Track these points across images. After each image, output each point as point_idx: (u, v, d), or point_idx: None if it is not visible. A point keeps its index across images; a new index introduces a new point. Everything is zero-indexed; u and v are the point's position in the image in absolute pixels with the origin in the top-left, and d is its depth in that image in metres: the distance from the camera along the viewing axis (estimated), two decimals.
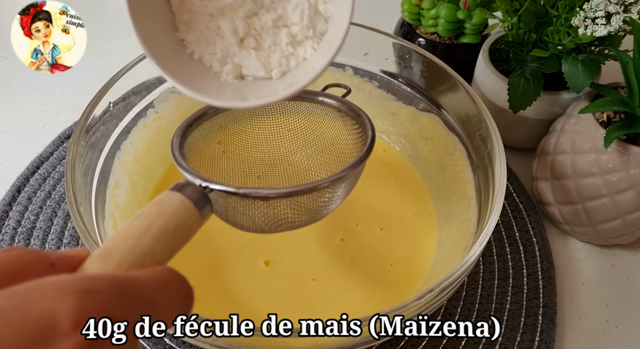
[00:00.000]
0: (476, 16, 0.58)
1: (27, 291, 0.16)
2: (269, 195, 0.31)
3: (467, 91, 0.46)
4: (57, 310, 0.16)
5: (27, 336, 0.15)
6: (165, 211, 0.24)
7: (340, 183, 0.34)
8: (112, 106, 0.45)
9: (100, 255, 0.22)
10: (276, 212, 0.32)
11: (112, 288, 0.18)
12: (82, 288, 0.17)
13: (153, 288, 0.20)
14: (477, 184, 0.46)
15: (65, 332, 0.16)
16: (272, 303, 0.43)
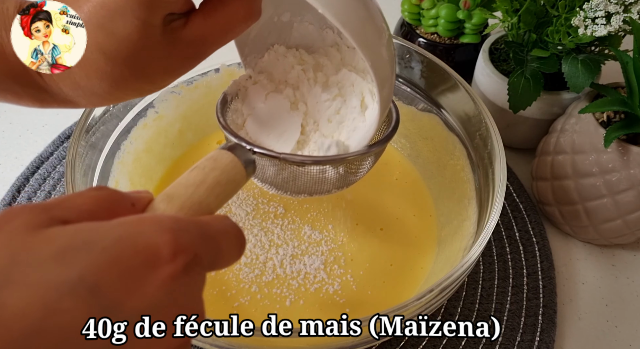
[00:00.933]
0: (476, 16, 0.58)
1: (134, 224, 0.20)
2: (304, 161, 0.35)
3: (467, 90, 0.46)
4: (159, 242, 0.20)
5: (139, 259, 0.19)
6: (218, 166, 0.28)
7: (366, 158, 0.38)
8: (112, 106, 0.45)
9: (164, 199, 0.25)
10: (308, 177, 0.36)
11: (195, 229, 0.22)
12: (176, 226, 0.21)
13: (221, 233, 0.23)
14: (477, 184, 0.46)
15: (166, 260, 0.20)
16: (272, 303, 0.43)
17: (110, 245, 0.19)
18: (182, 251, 0.20)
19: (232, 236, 0.24)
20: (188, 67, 0.31)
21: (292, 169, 0.36)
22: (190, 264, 0.20)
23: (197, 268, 0.21)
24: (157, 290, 0.19)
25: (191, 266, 0.20)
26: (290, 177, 0.36)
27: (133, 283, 0.19)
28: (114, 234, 0.19)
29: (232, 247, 0.24)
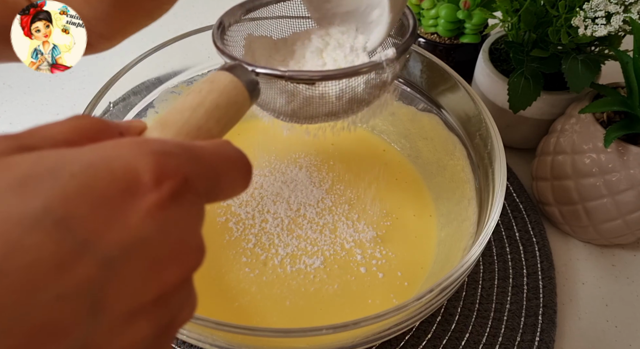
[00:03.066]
0: (476, 16, 0.58)
1: (109, 148, 0.17)
2: (312, 77, 0.31)
3: (467, 91, 0.46)
4: (139, 166, 0.17)
5: (115, 186, 0.16)
6: (216, 87, 0.25)
7: (380, 69, 0.33)
8: (112, 106, 0.45)
9: (158, 126, 0.23)
10: (318, 97, 0.33)
11: (184, 152, 0.18)
12: (159, 149, 0.18)
13: (218, 158, 0.20)
14: (477, 184, 0.46)
15: (148, 187, 0.17)
16: (272, 303, 0.43)
17: (80, 171, 0.16)
18: (168, 175, 0.17)
19: (234, 161, 0.21)
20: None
21: (301, 90, 0.32)
22: (180, 191, 0.17)
23: (189, 196, 0.18)
24: (142, 222, 0.16)
25: (182, 193, 0.18)
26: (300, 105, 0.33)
27: (110, 213, 0.16)
28: (85, 159, 0.16)
29: (235, 174, 0.21)
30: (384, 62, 0.33)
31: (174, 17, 0.75)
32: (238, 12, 0.38)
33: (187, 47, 0.49)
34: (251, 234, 0.47)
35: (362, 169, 0.53)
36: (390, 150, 0.56)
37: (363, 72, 0.33)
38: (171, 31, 0.73)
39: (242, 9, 0.39)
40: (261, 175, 0.52)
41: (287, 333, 0.33)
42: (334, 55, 0.37)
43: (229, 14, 0.38)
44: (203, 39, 0.49)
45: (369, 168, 0.54)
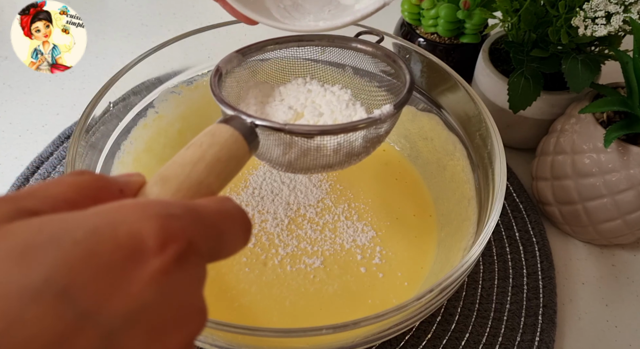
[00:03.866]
0: (476, 16, 0.58)
1: (113, 211, 0.17)
2: (310, 131, 0.32)
3: (467, 91, 0.46)
4: (144, 231, 0.16)
5: (120, 253, 0.16)
6: (217, 141, 0.25)
7: (381, 125, 0.34)
8: (112, 106, 0.45)
9: (159, 181, 0.22)
10: (314, 149, 0.33)
11: (188, 214, 0.18)
12: (163, 211, 0.17)
13: (220, 217, 0.20)
14: (477, 184, 0.46)
15: (153, 252, 0.16)
16: (272, 303, 0.43)
17: (84, 238, 0.16)
18: (173, 239, 0.17)
19: (235, 218, 0.21)
20: None
21: (300, 142, 0.33)
22: (184, 254, 0.17)
23: (193, 258, 0.18)
24: (145, 289, 0.16)
25: (186, 256, 0.17)
26: (297, 157, 0.33)
27: (113, 282, 0.16)
28: (88, 224, 0.16)
29: (236, 232, 0.21)
30: (381, 118, 0.33)
31: (173, 17, 0.75)
32: (235, 58, 0.39)
33: (187, 47, 0.49)
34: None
35: (362, 169, 0.53)
36: (390, 150, 0.56)
37: (361, 128, 0.33)
38: (171, 31, 0.73)
39: (238, 55, 0.39)
40: (261, 175, 0.52)
41: (287, 333, 0.33)
42: (331, 107, 0.37)
43: (226, 61, 0.38)
44: (203, 39, 0.49)
45: (369, 168, 0.54)
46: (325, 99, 0.38)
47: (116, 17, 0.75)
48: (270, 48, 0.40)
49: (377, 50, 0.40)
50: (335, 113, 0.37)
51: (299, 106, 0.37)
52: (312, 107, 0.37)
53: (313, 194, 0.51)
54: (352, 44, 0.41)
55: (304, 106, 0.37)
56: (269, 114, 0.37)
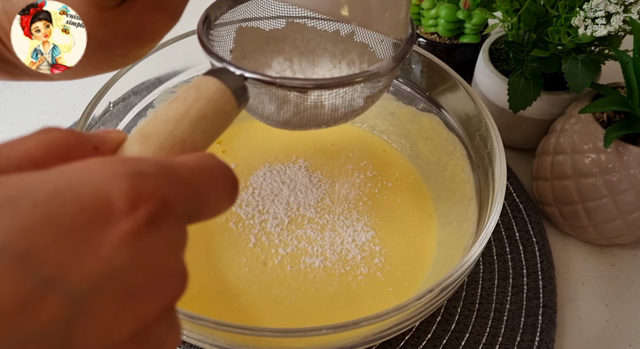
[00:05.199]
0: (476, 16, 0.58)
1: (78, 171, 0.16)
2: (304, 85, 0.30)
3: (467, 91, 0.46)
4: (111, 191, 0.15)
5: (84, 215, 0.15)
6: (203, 95, 0.23)
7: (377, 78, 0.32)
8: (112, 106, 0.45)
9: (139, 138, 0.21)
10: (311, 106, 0.31)
11: (162, 171, 0.17)
12: (134, 170, 0.16)
13: (200, 175, 0.19)
14: (477, 184, 0.46)
15: (122, 213, 0.15)
16: (272, 303, 0.43)
17: (44, 200, 0.14)
18: (144, 199, 0.16)
19: (217, 175, 0.20)
20: (137, 45, 0.30)
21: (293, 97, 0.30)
22: (158, 215, 0.16)
23: (169, 218, 0.17)
24: (114, 252, 0.15)
25: (160, 217, 0.16)
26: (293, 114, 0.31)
27: (78, 246, 0.14)
28: (49, 185, 0.15)
29: (219, 190, 0.19)
30: (380, 72, 0.31)
31: None
32: (225, 3, 0.36)
33: (187, 47, 0.49)
34: (251, 234, 0.47)
35: (362, 169, 0.53)
36: (390, 150, 0.56)
37: (359, 82, 0.31)
38: (171, 31, 0.73)
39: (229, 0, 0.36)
40: (261, 175, 0.52)
41: (287, 333, 0.33)
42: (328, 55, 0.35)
43: (216, 6, 0.35)
44: None
45: (369, 168, 0.54)
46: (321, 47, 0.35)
47: None
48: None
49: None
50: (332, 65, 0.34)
51: (294, 55, 0.35)
52: (307, 60, 0.34)
53: (313, 194, 0.51)
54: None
55: (300, 55, 0.34)
56: (262, 64, 0.34)
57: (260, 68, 0.34)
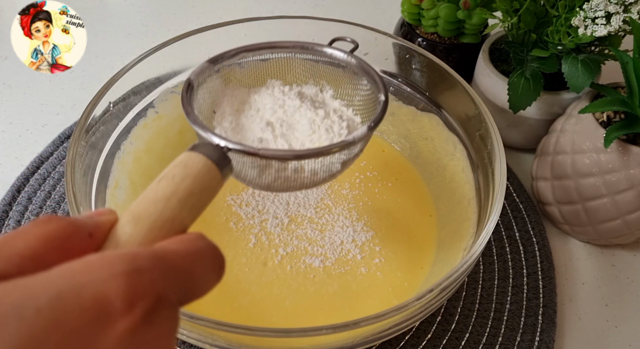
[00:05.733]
0: (476, 16, 0.58)
1: (78, 273, 0.17)
2: (285, 156, 0.32)
3: (467, 91, 0.46)
4: (110, 292, 0.16)
5: (85, 318, 0.16)
6: (190, 173, 0.24)
7: (353, 146, 0.34)
8: (112, 106, 0.45)
9: (131, 220, 0.22)
10: (292, 171, 0.33)
11: (156, 265, 0.18)
12: (130, 268, 0.17)
13: (191, 259, 0.20)
14: (477, 184, 0.46)
15: (119, 313, 0.16)
16: (272, 303, 0.43)
17: (47, 306, 0.15)
18: (141, 296, 0.17)
19: (207, 258, 0.21)
20: None
21: (275, 166, 0.32)
22: (153, 309, 0.17)
23: (163, 310, 0.18)
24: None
25: (155, 311, 0.17)
26: (274, 178, 0.33)
27: (81, 347, 0.16)
28: (52, 290, 0.16)
29: (208, 272, 0.21)
30: (355, 141, 0.33)
31: (174, 17, 0.75)
32: (207, 68, 0.37)
33: (187, 47, 0.49)
34: (251, 234, 0.47)
35: (361, 170, 0.53)
36: (390, 150, 0.56)
37: (336, 152, 0.33)
38: (171, 31, 0.73)
39: (210, 64, 0.37)
40: None
41: (287, 333, 0.33)
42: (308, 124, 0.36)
43: (198, 73, 0.36)
44: (203, 39, 0.49)
45: (369, 168, 0.54)
46: (301, 112, 0.37)
47: (116, 17, 0.75)
48: (242, 55, 0.39)
49: (352, 59, 0.39)
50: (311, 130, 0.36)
51: (275, 120, 0.36)
52: (287, 124, 0.36)
53: (313, 194, 0.51)
54: (327, 51, 0.39)
55: (281, 120, 0.36)
56: (244, 127, 0.36)
57: (243, 132, 0.36)
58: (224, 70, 0.38)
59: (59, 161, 0.56)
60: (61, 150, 0.57)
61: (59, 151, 0.57)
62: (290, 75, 0.41)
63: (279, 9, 0.76)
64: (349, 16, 0.56)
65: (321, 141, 0.35)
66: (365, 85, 0.39)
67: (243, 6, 0.77)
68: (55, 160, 0.56)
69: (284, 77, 0.41)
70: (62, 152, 0.56)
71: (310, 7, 0.78)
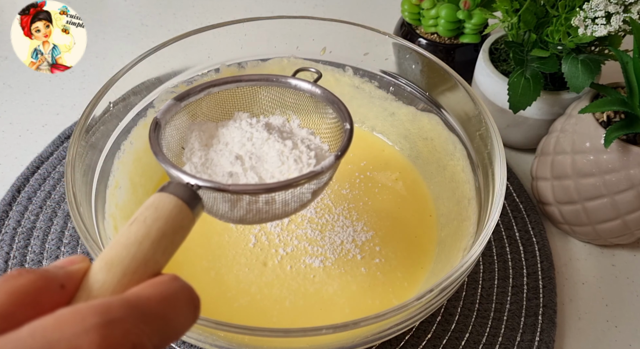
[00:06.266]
0: (476, 16, 0.58)
1: (49, 330, 0.16)
2: (256, 190, 0.32)
3: (467, 91, 0.46)
4: (83, 347, 0.16)
5: None
6: (161, 214, 0.24)
7: (322, 176, 0.35)
8: (112, 106, 0.45)
9: (103, 266, 0.22)
10: (262, 204, 0.34)
11: (129, 314, 0.18)
12: (103, 320, 0.17)
13: (166, 304, 0.20)
14: (477, 184, 0.46)
15: None
16: (272, 303, 0.43)
17: None
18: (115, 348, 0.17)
19: (181, 300, 0.21)
20: None
21: (246, 199, 0.33)
22: None
23: None
24: None
25: None
26: (246, 211, 0.33)
27: None
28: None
29: (184, 314, 0.21)
30: (323, 170, 0.34)
31: (173, 17, 0.75)
32: (173, 106, 0.37)
33: (187, 47, 0.49)
34: (251, 234, 0.47)
35: (361, 170, 0.53)
36: (390, 150, 0.56)
37: (305, 182, 0.34)
38: (171, 31, 0.73)
39: (176, 102, 0.37)
40: None
41: (287, 333, 0.33)
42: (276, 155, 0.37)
43: (165, 111, 0.36)
44: (203, 39, 0.49)
45: (369, 168, 0.54)
46: (269, 144, 0.37)
47: (116, 17, 0.75)
48: (209, 90, 0.39)
49: (316, 89, 0.39)
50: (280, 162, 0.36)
51: (244, 153, 0.37)
52: (257, 156, 0.37)
53: None
54: (292, 83, 0.40)
55: (250, 152, 0.37)
56: (213, 161, 0.36)
57: (213, 166, 0.36)
58: (190, 106, 0.39)
59: (59, 161, 0.56)
60: (61, 150, 0.57)
61: (59, 151, 0.57)
62: (257, 106, 0.41)
63: (279, 9, 0.76)
64: (349, 16, 0.56)
65: (290, 171, 0.36)
66: (331, 114, 0.39)
67: (243, 6, 0.77)
68: (55, 160, 0.56)
69: (250, 108, 0.41)
70: (62, 152, 0.56)
71: (310, 7, 0.78)
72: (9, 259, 0.48)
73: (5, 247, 0.49)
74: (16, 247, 0.49)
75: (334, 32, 0.51)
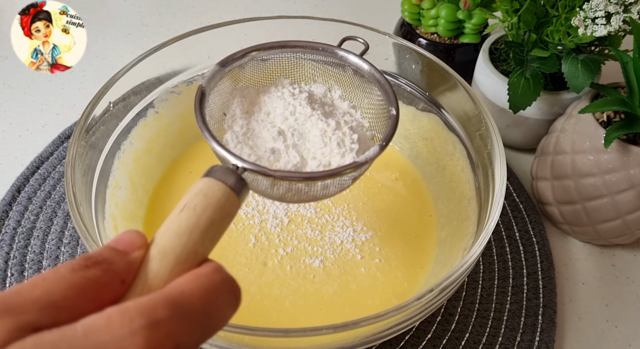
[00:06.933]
0: (476, 16, 0.58)
1: (102, 332, 0.18)
2: (299, 177, 0.32)
3: (467, 91, 0.46)
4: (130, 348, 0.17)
5: None
6: (210, 202, 0.25)
7: (364, 166, 0.35)
8: (112, 106, 0.45)
9: (157, 255, 0.22)
10: (303, 188, 0.34)
11: (173, 314, 0.19)
12: (148, 322, 0.18)
13: (208, 299, 0.21)
14: (477, 184, 0.46)
15: None
16: (272, 303, 0.43)
17: None
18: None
19: (224, 294, 0.21)
20: None
21: (288, 186, 0.33)
22: None
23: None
24: None
25: None
26: (287, 191, 0.34)
27: None
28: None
29: (225, 307, 0.21)
30: (368, 161, 0.35)
31: (173, 17, 0.75)
32: (217, 73, 0.37)
33: (187, 47, 0.49)
34: (251, 234, 0.47)
35: None
36: (390, 150, 0.56)
37: (348, 172, 0.34)
38: (171, 31, 0.73)
39: (220, 67, 0.37)
40: None
41: (287, 333, 0.33)
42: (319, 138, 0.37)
43: (209, 78, 0.36)
44: (203, 39, 0.49)
45: (369, 168, 0.53)
46: (312, 121, 0.37)
47: (116, 17, 0.75)
48: (252, 55, 0.39)
49: (363, 64, 0.39)
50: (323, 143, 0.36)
51: (286, 128, 0.37)
52: (299, 133, 0.37)
53: None
54: (338, 53, 0.39)
55: (292, 128, 0.37)
56: (255, 132, 0.36)
57: (254, 138, 0.36)
58: (233, 71, 0.38)
59: (59, 161, 0.56)
60: (61, 150, 0.57)
61: (59, 151, 0.57)
62: (299, 73, 0.41)
63: (279, 9, 0.76)
64: (349, 16, 0.56)
65: (333, 154, 0.36)
66: (376, 94, 0.39)
67: (243, 6, 0.77)
68: (55, 160, 0.56)
69: (292, 75, 0.41)
70: (62, 152, 0.56)
71: (310, 7, 0.78)
72: (9, 259, 0.48)
73: (5, 248, 0.49)
74: (16, 247, 0.49)
75: (334, 32, 0.51)
